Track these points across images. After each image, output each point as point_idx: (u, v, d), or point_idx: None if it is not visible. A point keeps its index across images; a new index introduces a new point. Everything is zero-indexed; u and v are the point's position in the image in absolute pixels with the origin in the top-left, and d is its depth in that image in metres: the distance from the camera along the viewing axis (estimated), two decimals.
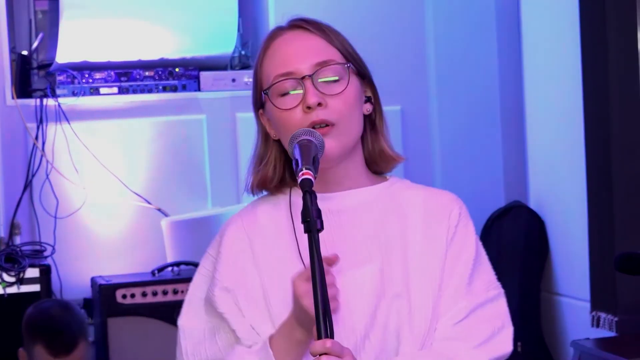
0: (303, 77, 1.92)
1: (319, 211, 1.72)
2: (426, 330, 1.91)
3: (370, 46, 4.46)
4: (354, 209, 1.93)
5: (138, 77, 4.48)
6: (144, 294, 4.03)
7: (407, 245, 1.95)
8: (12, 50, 4.42)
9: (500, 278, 3.36)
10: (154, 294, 4.04)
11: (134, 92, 4.48)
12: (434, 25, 4.70)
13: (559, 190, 4.32)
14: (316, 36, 1.98)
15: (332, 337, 1.67)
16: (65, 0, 4.27)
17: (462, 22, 4.64)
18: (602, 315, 3.80)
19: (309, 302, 1.74)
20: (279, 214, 2.00)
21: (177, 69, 4.52)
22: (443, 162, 4.72)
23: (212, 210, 4.47)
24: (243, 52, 4.65)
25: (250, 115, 3.35)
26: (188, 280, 3.93)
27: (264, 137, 2.03)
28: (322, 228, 1.72)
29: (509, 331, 1.96)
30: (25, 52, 4.43)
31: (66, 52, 4.35)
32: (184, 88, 4.51)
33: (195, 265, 4.23)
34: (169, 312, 3.92)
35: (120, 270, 4.29)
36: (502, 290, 2.00)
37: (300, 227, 1.85)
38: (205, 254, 2.07)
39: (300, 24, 2.00)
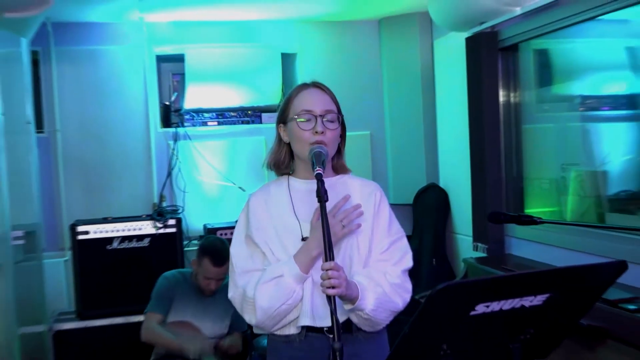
0: (317, 115, 1.90)
1: (325, 190, 1.74)
2: (366, 255, 1.92)
3: (353, 98, 4.50)
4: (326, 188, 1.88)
5: (228, 116, 4.46)
6: (232, 233, 3.99)
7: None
8: (160, 102, 4.41)
9: (423, 226, 3.28)
10: None
11: (226, 124, 4.45)
12: (388, 86, 4.63)
13: (456, 176, 4.25)
14: (326, 94, 1.97)
15: (333, 260, 1.70)
16: (188, 75, 4.26)
17: (403, 83, 4.57)
18: (479, 244, 3.76)
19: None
20: (282, 190, 1.96)
21: (249, 112, 4.49)
22: (392, 162, 4.65)
23: None
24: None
25: None
26: None
27: (279, 139, 2.00)
28: (327, 199, 1.73)
29: (410, 254, 1.97)
30: (167, 103, 4.41)
31: (189, 102, 4.34)
32: (253, 122, 4.49)
33: None
34: None
35: (218, 220, 4.27)
36: (404, 233, 2.01)
37: (295, 197, 1.94)
38: (240, 213, 2.02)
39: (318, 85, 1.98)
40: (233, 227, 4.00)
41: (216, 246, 3.22)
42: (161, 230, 3.93)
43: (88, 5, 3.81)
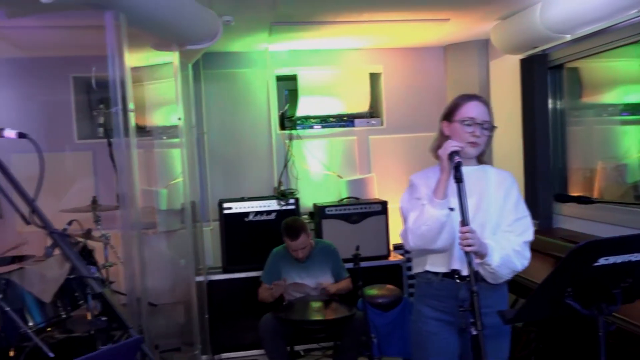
0: (477, 123, 1.92)
1: (462, 173, 1.76)
2: (495, 224, 1.92)
3: (422, 106, 4.52)
4: (469, 174, 1.87)
5: (329, 121, 4.50)
6: (337, 209, 4.07)
7: (489, 191, 1.94)
8: (279, 111, 4.49)
9: None
10: (339, 209, 4.07)
11: (327, 127, 4.49)
12: (452, 96, 4.59)
13: (507, 167, 4.05)
14: (486, 107, 1.97)
15: (468, 225, 1.72)
16: (300, 90, 4.35)
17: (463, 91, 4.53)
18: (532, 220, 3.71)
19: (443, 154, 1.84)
20: (435, 174, 1.95)
21: (344, 118, 4.52)
22: None
23: (359, 176, 4.49)
24: (371, 111, 4.62)
25: (374, 136, 3.21)
26: (353, 204, 3.80)
27: (441, 132, 1.99)
28: (462, 181, 1.75)
29: (531, 230, 1.94)
30: (282, 111, 4.49)
31: (300, 110, 4.42)
32: (347, 126, 4.51)
33: (356, 198, 4.26)
34: (346, 217, 4.00)
35: (323, 200, 4.36)
36: (529, 214, 1.95)
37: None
38: (407, 188, 2.02)
39: (479, 98, 1.99)
40: (336, 205, 4.15)
41: (288, 225, 3.32)
42: (284, 207, 4.05)
43: (229, 40, 3.97)
